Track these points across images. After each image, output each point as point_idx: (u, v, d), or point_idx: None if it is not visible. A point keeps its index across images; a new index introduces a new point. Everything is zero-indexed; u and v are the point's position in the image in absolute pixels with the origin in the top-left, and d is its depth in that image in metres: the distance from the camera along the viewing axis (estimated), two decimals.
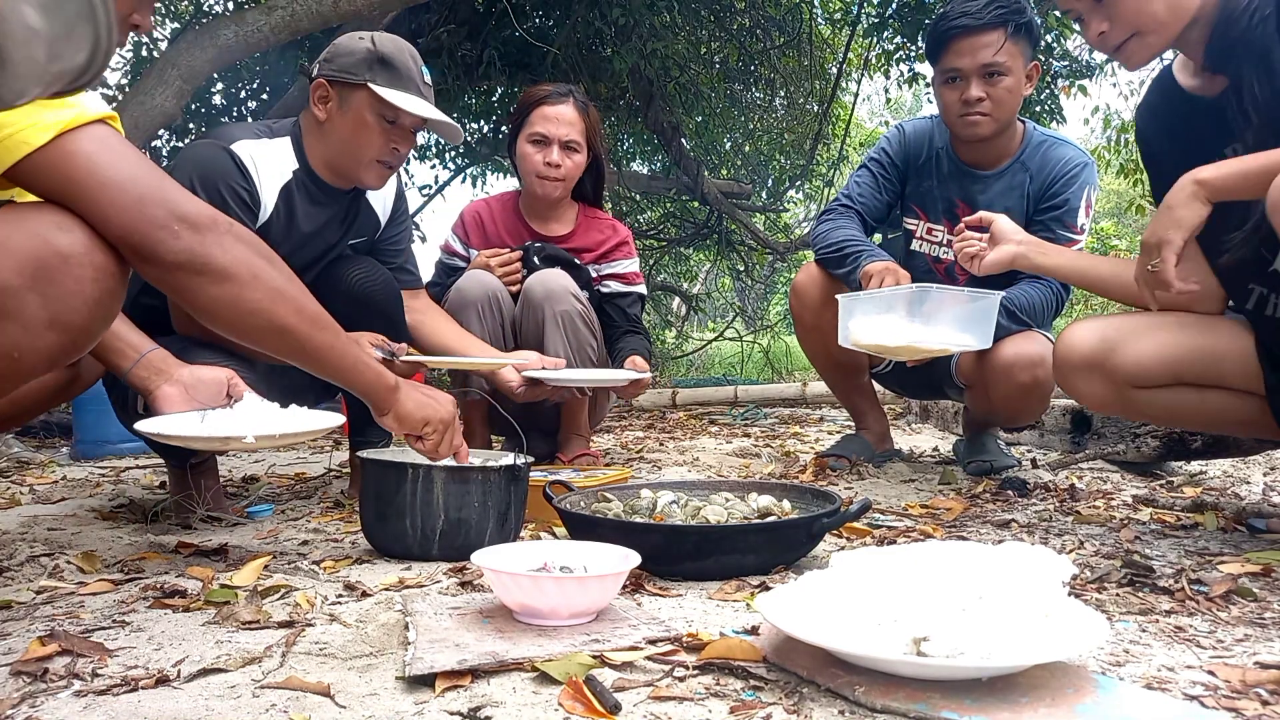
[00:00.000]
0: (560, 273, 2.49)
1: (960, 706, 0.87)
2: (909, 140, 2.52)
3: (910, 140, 2.52)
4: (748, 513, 1.59)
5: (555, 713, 0.89)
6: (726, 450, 3.19)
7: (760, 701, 0.91)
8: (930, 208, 2.51)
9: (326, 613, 1.23)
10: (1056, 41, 5.92)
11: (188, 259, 1.12)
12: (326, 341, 1.29)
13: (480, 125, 6.95)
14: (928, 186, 2.49)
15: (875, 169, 2.54)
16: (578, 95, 2.59)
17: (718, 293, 11.80)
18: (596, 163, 2.65)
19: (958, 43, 2.26)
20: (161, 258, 1.11)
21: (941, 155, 2.48)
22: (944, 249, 2.50)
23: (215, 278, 1.15)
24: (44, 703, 0.92)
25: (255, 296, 1.18)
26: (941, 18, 2.32)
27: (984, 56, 2.24)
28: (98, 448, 3.09)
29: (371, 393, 1.37)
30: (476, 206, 2.75)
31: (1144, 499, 2.05)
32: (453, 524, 1.55)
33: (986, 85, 2.27)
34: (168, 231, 1.11)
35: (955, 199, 2.47)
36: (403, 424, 1.43)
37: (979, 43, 2.24)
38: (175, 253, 1.11)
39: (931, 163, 2.49)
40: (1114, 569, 1.41)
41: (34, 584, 1.39)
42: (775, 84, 7.21)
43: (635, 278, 2.73)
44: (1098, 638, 0.93)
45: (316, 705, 0.91)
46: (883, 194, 2.53)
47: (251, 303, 1.18)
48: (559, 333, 2.43)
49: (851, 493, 2.24)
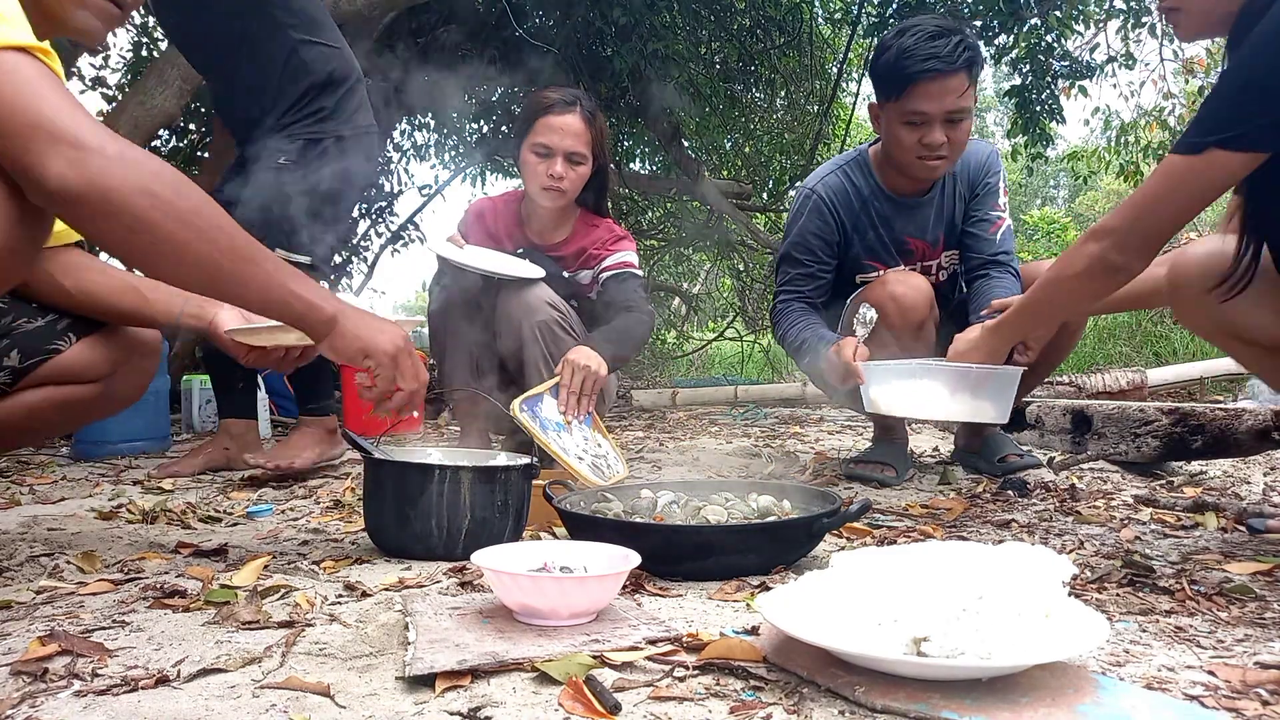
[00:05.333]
0: (536, 284, 2.48)
1: (960, 706, 0.87)
2: (830, 210, 2.42)
3: (831, 210, 2.42)
4: (748, 513, 1.59)
5: (555, 713, 0.89)
6: (726, 450, 3.19)
7: (760, 701, 0.91)
8: (883, 254, 2.47)
9: (326, 613, 1.23)
10: (1057, 41, 5.91)
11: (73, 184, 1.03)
12: (246, 273, 1.19)
13: (480, 125, 6.94)
14: (872, 238, 2.44)
15: (804, 259, 2.43)
16: (585, 103, 2.56)
17: (718, 293, 11.80)
18: (601, 172, 2.63)
19: (925, 85, 2.15)
20: (43, 183, 1.03)
21: (872, 203, 2.41)
22: None
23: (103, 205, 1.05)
24: (44, 703, 0.92)
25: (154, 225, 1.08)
26: (905, 55, 2.16)
27: (950, 102, 2.17)
28: (98, 448, 3.09)
29: (304, 326, 1.30)
30: (482, 203, 2.77)
31: (1144, 499, 2.05)
32: (478, 523, 1.55)
33: (949, 130, 2.21)
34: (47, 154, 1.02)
35: (902, 237, 2.45)
36: (338, 355, 1.34)
37: (947, 87, 2.15)
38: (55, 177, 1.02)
39: (866, 217, 2.42)
40: (1114, 569, 1.41)
41: (34, 584, 1.39)
42: (775, 84, 7.21)
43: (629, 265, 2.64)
44: (1098, 638, 0.93)
45: (316, 705, 0.91)
46: (821, 277, 2.45)
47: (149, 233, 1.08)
48: (538, 345, 2.43)
49: (851, 493, 2.24)
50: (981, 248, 2.43)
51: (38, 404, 1.65)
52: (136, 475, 2.65)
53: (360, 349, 1.34)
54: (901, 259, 2.46)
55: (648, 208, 8.32)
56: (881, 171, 2.42)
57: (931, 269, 2.51)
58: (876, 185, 2.41)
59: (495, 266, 2.48)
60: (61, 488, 2.45)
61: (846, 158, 2.50)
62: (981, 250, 2.43)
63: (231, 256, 1.18)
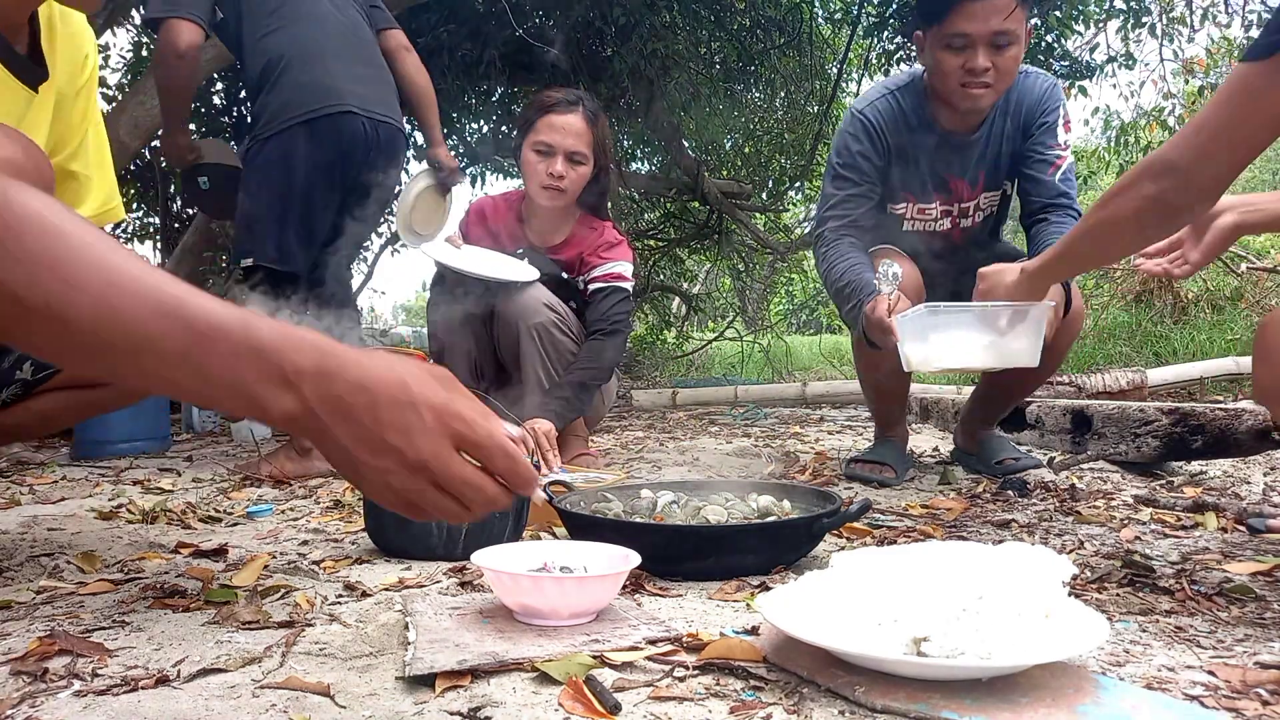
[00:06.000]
0: (534, 286, 2.48)
1: (960, 706, 0.87)
2: (877, 132, 2.30)
3: (878, 132, 2.30)
4: (748, 513, 1.59)
5: (555, 713, 0.89)
6: (726, 450, 3.19)
7: (760, 701, 0.91)
8: (919, 189, 2.38)
9: (326, 613, 1.23)
10: (1057, 42, 5.91)
11: None
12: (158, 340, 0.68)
13: (480, 125, 6.95)
14: (913, 170, 2.34)
15: (855, 179, 2.32)
16: (587, 103, 2.56)
17: (718, 293, 11.80)
18: (602, 174, 2.63)
19: (969, 6, 2.07)
20: None
21: (921, 133, 2.29)
22: (938, 222, 2.42)
23: None
24: (44, 703, 0.92)
25: None
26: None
27: (995, 24, 2.07)
28: (98, 448, 3.09)
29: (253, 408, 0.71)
30: (483, 202, 2.78)
31: (1144, 499, 2.05)
32: (478, 523, 1.54)
33: (994, 55, 2.11)
34: None
35: (944, 174, 2.36)
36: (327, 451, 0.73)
37: (992, 7, 2.06)
38: None
39: (911, 147, 2.31)
40: (1114, 569, 1.41)
41: (34, 584, 1.39)
42: (775, 84, 7.21)
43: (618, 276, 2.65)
44: (1098, 638, 0.93)
45: (316, 705, 0.91)
46: (870, 198, 2.34)
47: None
48: (534, 346, 2.43)
49: (851, 493, 2.24)
50: (1040, 191, 2.30)
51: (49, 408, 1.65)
52: (136, 475, 2.65)
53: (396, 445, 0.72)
54: (937, 196, 2.37)
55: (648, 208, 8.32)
56: (932, 103, 2.29)
57: (969, 210, 2.43)
58: (926, 117, 2.29)
59: (489, 269, 2.48)
60: (61, 488, 2.45)
61: (899, 81, 2.36)
62: (1040, 194, 2.30)
63: None
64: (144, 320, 0.67)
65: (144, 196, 5.40)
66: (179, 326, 0.68)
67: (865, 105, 2.35)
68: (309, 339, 0.71)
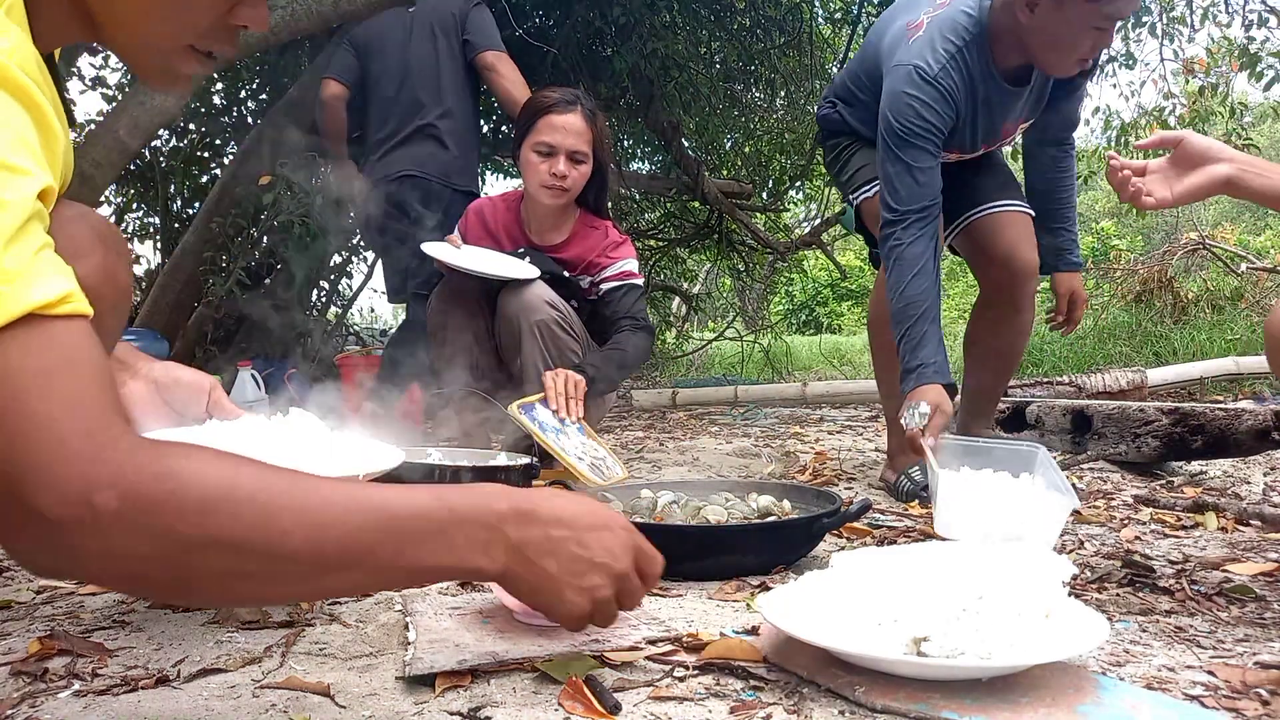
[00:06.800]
0: (535, 284, 2.48)
1: (960, 706, 0.87)
2: (951, 100, 2.08)
3: (952, 100, 2.08)
4: (748, 513, 1.59)
5: (555, 713, 0.89)
6: (726, 450, 3.18)
7: (760, 701, 0.91)
8: (969, 142, 2.26)
9: (326, 613, 1.23)
10: None
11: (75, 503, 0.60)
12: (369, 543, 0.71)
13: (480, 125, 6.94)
14: (970, 125, 2.19)
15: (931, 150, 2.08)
16: (585, 102, 2.56)
17: (718, 293, 11.80)
18: (601, 172, 2.63)
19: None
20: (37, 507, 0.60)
21: (982, 86, 2.13)
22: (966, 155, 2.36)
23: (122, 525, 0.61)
24: (44, 703, 0.92)
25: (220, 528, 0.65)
26: None
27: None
28: None
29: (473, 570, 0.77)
30: (482, 203, 2.78)
31: (1144, 499, 2.05)
32: None
33: None
34: None
35: (1000, 123, 2.25)
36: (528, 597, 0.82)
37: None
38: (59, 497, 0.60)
39: (973, 103, 2.15)
40: (1114, 569, 1.41)
41: (34, 584, 1.39)
42: (775, 84, 7.20)
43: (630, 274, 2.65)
44: (1098, 638, 0.93)
45: (316, 705, 0.91)
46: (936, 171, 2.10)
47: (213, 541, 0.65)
48: (536, 343, 2.43)
49: (851, 493, 2.24)
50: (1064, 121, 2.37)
51: None
52: None
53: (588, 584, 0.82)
54: (985, 145, 2.31)
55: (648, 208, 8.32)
56: (997, 50, 2.10)
57: (1007, 142, 2.44)
58: (988, 67, 2.11)
59: (490, 267, 2.48)
60: None
61: (961, 35, 2.08)
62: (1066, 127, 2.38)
63: None
64: (357, 534, 0.70)
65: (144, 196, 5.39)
66: (390, 536, 0.72)
67: (937, 69, 2.07)
68: (495, 488, 0.80)
